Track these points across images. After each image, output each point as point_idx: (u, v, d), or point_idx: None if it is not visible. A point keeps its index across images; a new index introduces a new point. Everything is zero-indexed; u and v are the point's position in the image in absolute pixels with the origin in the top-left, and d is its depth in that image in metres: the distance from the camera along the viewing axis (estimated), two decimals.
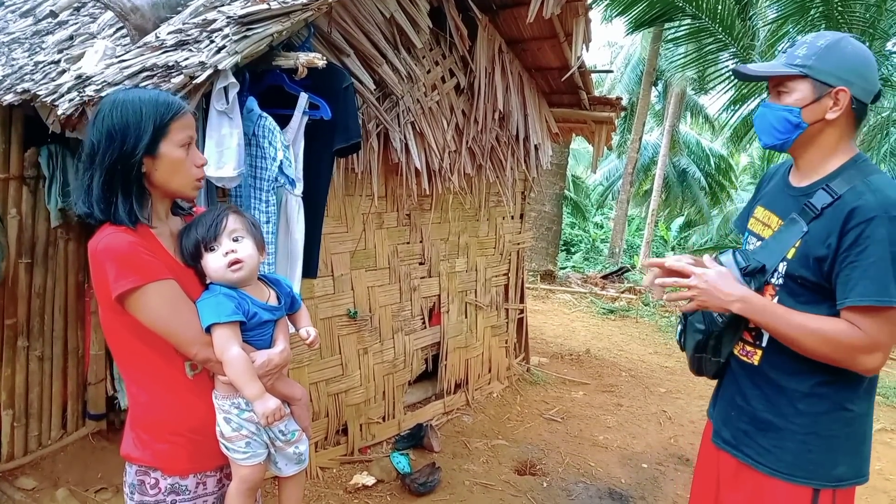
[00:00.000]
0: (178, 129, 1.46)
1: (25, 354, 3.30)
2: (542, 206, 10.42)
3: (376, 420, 4.02)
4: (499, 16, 4.16)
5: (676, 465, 4.08)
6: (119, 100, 1.45)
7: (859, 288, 1.47)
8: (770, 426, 1.65)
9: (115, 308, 1.43)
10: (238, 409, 1.51)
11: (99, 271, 1.43)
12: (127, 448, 1.54)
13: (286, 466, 1.63)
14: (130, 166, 1.42)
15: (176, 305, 1.44)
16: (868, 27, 6.77)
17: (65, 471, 3.35)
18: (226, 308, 1.46)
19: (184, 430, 1.51)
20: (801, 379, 1.61)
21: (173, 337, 1.45)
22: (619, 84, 19.85)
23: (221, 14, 2.43)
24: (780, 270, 1.62)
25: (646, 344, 7.08)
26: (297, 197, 2.57)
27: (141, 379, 1.52)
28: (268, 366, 1.51)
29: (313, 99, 2.58)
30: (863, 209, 1.47)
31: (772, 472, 1.64)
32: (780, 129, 1.62)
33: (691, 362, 1.86)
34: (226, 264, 1.49)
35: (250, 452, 1.52)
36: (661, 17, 7.80)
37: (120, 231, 1.41)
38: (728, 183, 21.96)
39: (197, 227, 1.51)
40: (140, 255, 1.41)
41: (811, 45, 1.58)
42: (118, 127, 1.41)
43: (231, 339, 1.45)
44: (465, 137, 4.09)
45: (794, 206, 1.64)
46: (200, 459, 1.54)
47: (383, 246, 3.93)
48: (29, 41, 3.72)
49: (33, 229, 3.26)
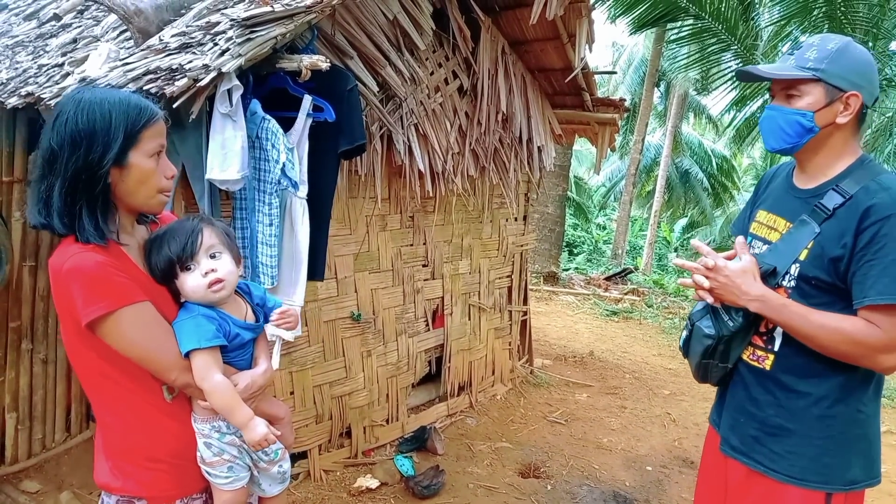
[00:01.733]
0: (150, 138, 1.33)
1: (29, 357, 3.30)
2: (545, 207, 10.41)
3: (380, 423, 4.01)
4: (502, 17, 4.16)
5: (681, 468, 4.07)
6: (85, 100, 1.30)
7: (878, 286, 1.45)
8: (783, 431, 1.64)
9: (82, 332, 1.31)
10: (219, 433, 1.44)
11: (64, 294, 1.29)
12: (104, 478, 1.42)
13: (270, 487, 1.56)
14: (96, 177, 1.28)
15: (151, 330, 1.33)
16: (871, 27, 6.76)
17: (69, 474, 3.35)
18: (206, 332, 1.36)
19: (165, 455, 1.41)
20: (817, 382, 1.59)
21: (150, 363, 1.34)
22: (621, 85, 19.86)
23: (225, 17, 2.43)
24: (792, 273, 1.61)
25: (649, 346, 7.06)
26: (301, 199, 2.56)
27: (113, 405, 1.40)
28: (251, 389, 1.43)
29: (317, 101, 2.58)
30: (879, 207, 1.47)
31: (784, 479, 1.62)
32: (791, 132, 1.61)
33: (697, 369, 1.82)
34: (206, 285, 1.38)
35: (233, 477, 1.45)
36: (664, 18, 7.80)
37: (87, 250, 1.27)
38: (731, 184, 21.93)
39: (169, 244, 1.38)
40: (110, 276, 1.28)
41: (821, 49, 1.57)
42: (84, 132, 1.27)
43: (212, 366, 1.36)
44: (469, 139, 4.09)
45: (802, 208, 1.63)
46: (185, 483, 1.45)
47: (387, 248, 3.92)
48: (32, 44, 3.73)
49: (37, 232, 3.26)
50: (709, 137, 23.44)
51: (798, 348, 1.59)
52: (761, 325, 1.69)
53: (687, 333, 1.84)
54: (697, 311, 1.79)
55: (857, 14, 6.78)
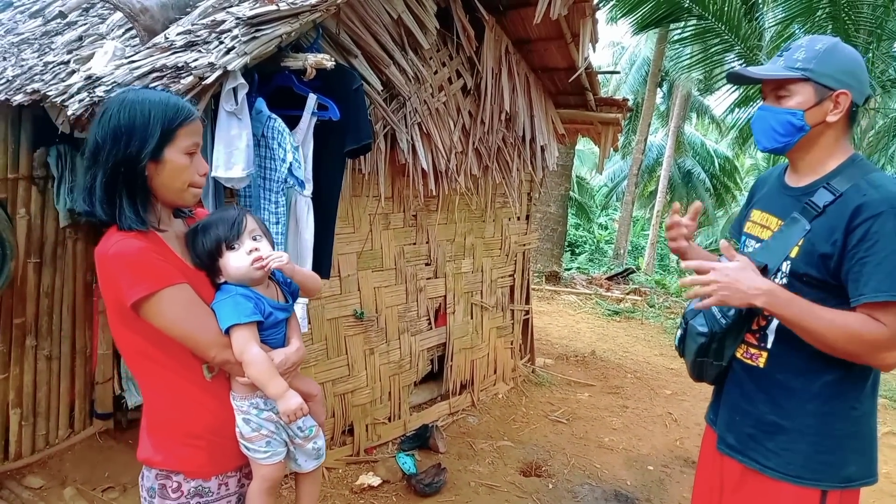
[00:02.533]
0: (185, 136, 1.43)
1: (33, 353, 3.31)
2: (547, 207, 10.41)
3: (382, 420, 4.02)
4: (506, 16, 4.16)
5: (682, 468, 4.07)
6: (128, 100, 1.42)
7: (873, 283, 1.46)
8: (778, 429, 1.64)
9: (127, 314, 1.40)
10: (257, 410, 1.52)
11: (109, 278, 1.39)
12: (145, 453, 1.51)
13: (305, 462, 1.65)
14: (134, 169, 1.39)
15: (191, 309, 1.42)
16: (875, 28, 6.74)
17: (72, 470, 3.36)
18: (245, 308, 1.46)
19: (204, 432, 1.49)
20: (810, 378, 1.60)
21: (190, 341, 1.43)
22: (623, 85, 19.83)
23: (230, 15, 2.44)
24: (784, 270, 1.62)
25: (651, 345, 7.06)
26: (306, 198, 2.57)
27: (156, 384, 1.49)
28: (285, 364, 1.52)
29: (322, 100, 2.59)
30: (869, 205, 1.48)
31: (780, 476, 1.62)
32: (783, 132, 1.63)
33: (692, 367, 1.83)
34: (250, 262, 1.48)
35: (271, 451, 1.54)
36: (667, 18, 7.78)
37: (130, 237, 1.38)
38: (733, 184, 21.91)
39: (217, 226, 1.49)
40: (152, 260, 1.38)
41: (809, 49, 1.60)
42: (125, 128, 1.38)
43: (250, 340, 1.45)
44: (472, 138, 4.09)
45: (794, 205, 1.65)
46: (222, 460, 1.53)
47: (390, 247, 3.93)
48: (38, 42, 3.74)
49: (42, 229, 3.28)
50: (711, 138, 23.41)
51: (791, 346, 1.59)
52: (753, 323, 1.69)
53: (681, 332, 1.85)
54: (691, 310, 1.80)
55: (861, 15, 6.77)
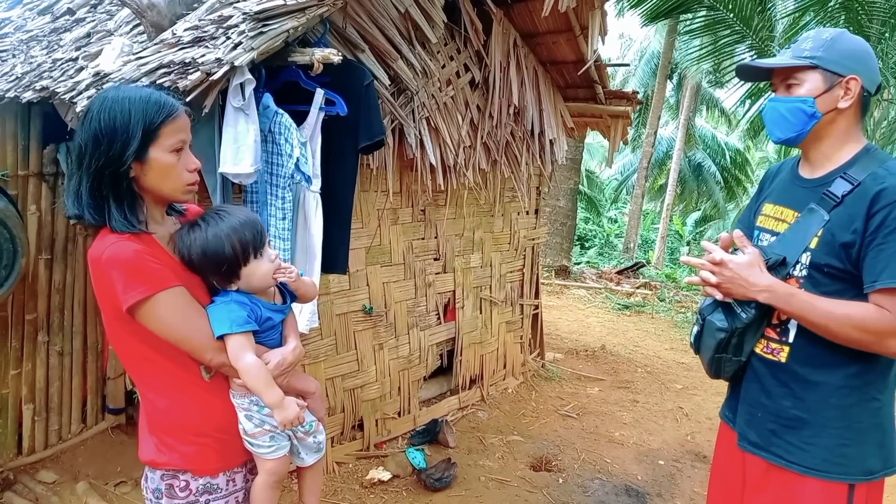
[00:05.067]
0: (170, 134, 1.38)
1: (45, 349, 3.34)
2: (556, 201, 10.37)
3: (392, 415, 4.02)
4: (513, 9, 4.13)
5: (693, 462, 4.05)
6: (108, 99, 1.37)
7: (889, 269, 1.45)
8: (801, 423, 1.62)
9: (123, 318, 1.38)
10: (258, 406, 1.51)
11: (104, 282, 1.37)
12: (149, 454, 1.49)
13: (308, 456, 1.66)
14: (118, 172, 1.35)
15: (187, 313, 1.40)
16: (889, 17, 6.64)
17: (85, 464, 3.39)
18: (238, 317, 1.43)
19: (209, 430, 1.49)
20: (832, 371, 1.58)
21: (186, 344, 1.41)
22: (632, 77, 19.71)
23: (237, 10, 2.43)
24: (804, 262, 1.60)
25: (661, 340, 7.03)
26: (314, 193, 2.57)
27: (156, 385, 1.48)
28: (282, 365, 1.51)
29: (329, 94, 2.58)
30: (888, 192, 1.48)
31: (804, 471, 1.61)
32: (794, 120, 1.63)
33: (710, 364, 1.78)
34: (273, 269, 1.49)
35: (275, 446, 1.55)
36: (677, 9, 7.69)
37: (123, 239, 1.35)
38: (744, 177, 21.75)
39: (245, 231, 1.45)
40: (147, 263, 1.35)
41: (816, 39, 1.62)
42: (105, 130, 1.33)
43: (245, 347, 1.43)
44: (480, 133, 4.07)
45: (810, 197, 1.63)
46: (228, 457, 1.53)
47: (398, 242, 3.92)
48: (47, 39, 3.75)
49: (52, 226, 3.29)
50: (722, 130, 23.21)
51: (813, 338, 1.58)
52: (774, 317, 1.67)
53: (698, 328, 1.81)
54: (708, 306, 1.77)
55: (874, 5, 6.66)
